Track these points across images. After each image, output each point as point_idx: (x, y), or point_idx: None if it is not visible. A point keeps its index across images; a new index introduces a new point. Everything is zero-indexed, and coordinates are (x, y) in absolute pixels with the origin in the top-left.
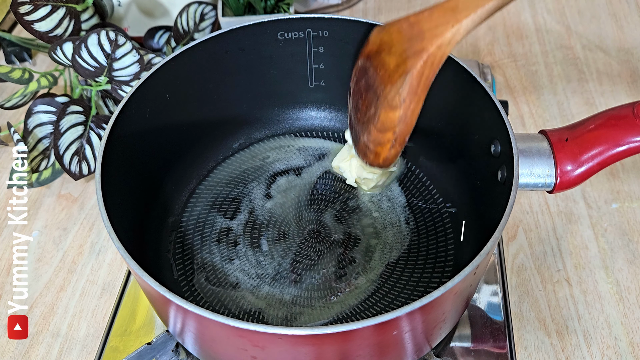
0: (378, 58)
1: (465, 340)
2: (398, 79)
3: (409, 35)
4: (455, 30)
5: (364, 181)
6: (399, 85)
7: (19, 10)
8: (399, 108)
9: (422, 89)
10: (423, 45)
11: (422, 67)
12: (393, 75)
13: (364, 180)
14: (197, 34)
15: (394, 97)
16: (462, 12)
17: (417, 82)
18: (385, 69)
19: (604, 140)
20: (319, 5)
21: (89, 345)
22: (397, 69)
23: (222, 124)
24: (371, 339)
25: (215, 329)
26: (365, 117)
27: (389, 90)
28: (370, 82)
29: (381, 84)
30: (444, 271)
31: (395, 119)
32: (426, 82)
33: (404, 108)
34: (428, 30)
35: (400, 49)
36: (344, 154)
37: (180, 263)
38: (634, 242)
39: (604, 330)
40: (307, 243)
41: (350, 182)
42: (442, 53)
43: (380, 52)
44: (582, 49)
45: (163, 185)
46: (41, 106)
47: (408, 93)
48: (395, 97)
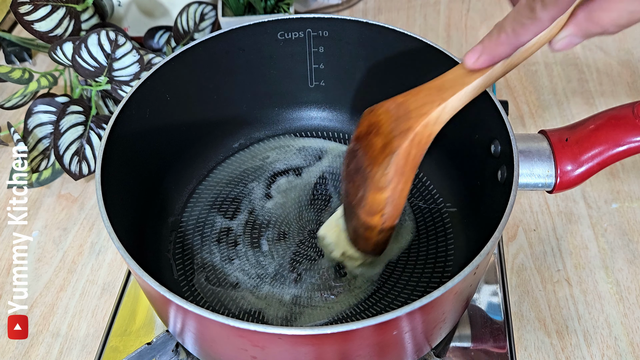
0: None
1: (465, 340)
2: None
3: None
4: (441, 109)
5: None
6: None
7: (19, 10)
8: (386, 189)
9: (409, 169)
10: (409, 124)
11: (408, 146)
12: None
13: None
14: (197, 34)
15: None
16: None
17: (404, 162)
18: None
19: (604, 140)
20: (319, 5)
21: (89, 345)
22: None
23: (222, 124)
24: (371, 339)
25: (215, 329)
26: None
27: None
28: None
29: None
30: (444, 271)
31: (383, 200)
32: (414, 162)
33: (391, 189)
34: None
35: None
36: (332, 224)
37: (180, 263)
38: (634, 242)
39: (604, 330)
40: (307, 243)
41: (335, 255)
42: (429, 132)
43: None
44: (582, 49)
45: (163, 185)
46: (41, 106)
47: (395, 173)
48: (382, 177)
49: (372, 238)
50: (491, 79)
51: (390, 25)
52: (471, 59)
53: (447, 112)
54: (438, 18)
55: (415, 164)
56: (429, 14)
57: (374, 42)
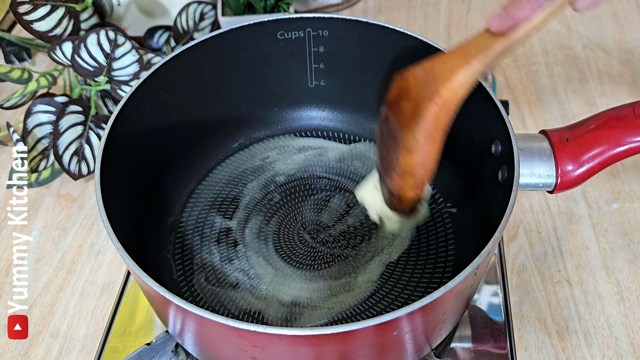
0: (397, 105)
1: (465, 340)
2: (414, 123)
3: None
4: (465, 72)
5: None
6: (414, 129)
7: (19, 9)
8: (416, 152)
9: (438, 133)
10: (436, 88)
11: (436, 110)
12: (409, 120)
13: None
14: (196, 34)
15: (410, 141)
16: (472, 54)
17: (433, 126)
18: (403, 115)
19: (605, 140)
20: (319, 5)
21: (89, 346)
22: (413, 113)
23: (222, 124)
24: (371, 340)
25: (215, 329)
26: (388, 164)
27: (406, 135)
28: (391, 129)
29: (399, 130)
30: (444, 271)
31: (413, 162)
32: (442, 126)
33: (421, 152)
34: (440, 73)
35: (415, 95)
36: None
37: (180, 263)
38: (635, 242)
39: (605, 331)
40: (307, 243)
41: (373, 217)
42: (455, 96)
43: (399, 99)
44: (583, 49)
45: (163, 185)
46: (40, 106)
47: (423, 136)
48: (411, 140)
49: (405, 199)
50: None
51: (390, 25)
52: (494, 23)
53: (472, 76)
54: (438, 18)
55: (444, 127)
56: (429, 14)
57: (374, 42)
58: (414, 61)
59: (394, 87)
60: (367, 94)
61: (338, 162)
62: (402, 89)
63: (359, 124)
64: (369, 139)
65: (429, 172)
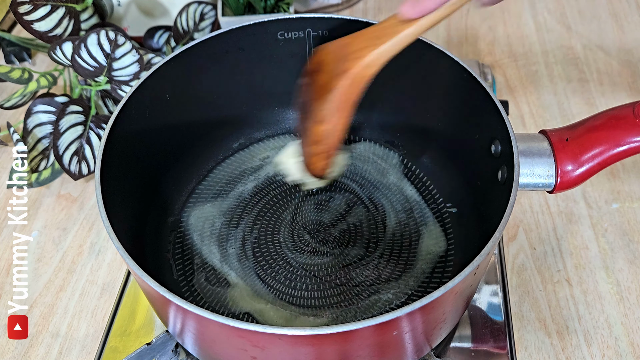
0: (313, 77)
1: (465, 340)
2: (325, 95)
3: (338, 56)
4: (376, 53)
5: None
6: (325, 100)
7: (19, 10)
8: (325, 122)
9: (346, 107)
10: (348, 65)
11: (345, 85)
12: (322, 92)
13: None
14: (196, 34)
15: (321, 111)
16: (383, 37)
17: (342, 99)
18: (317, 86)
19: (605, 140)
20: (319, 5)
21: (89, 346)
22: (326, 86)
23: (222, 124)
24: (371, 339)
25: (215, 329)
26: (303, 131)
27: (318, 105)
28: (306, 98)
29: (313, 100)
30: (444, 271)
31: (322, 132)
32: (350, 100)
33: (330, 122)
34: (353, 52)
35: (330, 68)
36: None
37: (180, 263)
38: (635, 242)
39: (605, 331)
40: (307, 243)
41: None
42: (364, 74)
43: (316, 71)
44: (583, 49)
45: (163, 185)
46: (41, 106)
47: (332, 109)
48: (321, 111)
49: (316, 164)
50: (422, 28)
51: None
52: (406, 9)
53: (382, 56)
54: None
55: (352, 101)
56: None
57: None
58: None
59: (314, 59)
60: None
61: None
62: (319, 62)
63: (359, 124)
64: (368, 139)
65: (337, 142)
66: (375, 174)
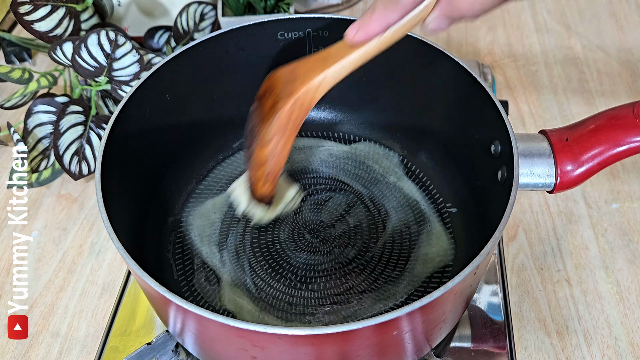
0: (261, 101)
1: (465, 340)
2: (270, 117)
3: (286, 80)
4: (322, 76)
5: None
6: (269, 123)
7: (19, 10)
8: (268, 144)
9: (290, 129)
10: (294, 87)
11: (291, 108)
12: (267, 115)
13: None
14: (197, 34)
15: (265, 134)
16: (330, 61)
17: (286, 122)
18: (263, 110)
19: (604, 140)
20: (319, 5)
21: (89, 346)
22: (271, 109)
23: (222, 124)
24: (371, 339)
25: (215, 329)
26: (248, 156)
27: (262, 128)
28: (254, 122)
29: (258, 123)
30: (444, 271)
31: (265, 155)
32: (295, 123)
33: (273, 145)
34: (300, 75)
35: (277, 92)
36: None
37: (180, 263)
38: (634, 242)
39: (604, 331)
40: (307, 243)
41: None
42: (311, 96)
43: (264, 95)
44: (583, 49)
45: (163, 185)
46: (41, 106)
47: (276, 131)
48: (266, 134)
49: (259, 189)
50: (368, 53)
51: None
52: (350, 34)
53: (328, 80)
54: None
55: (297, 125)
56: None
57: None
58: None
59: (263, 84)
60: (367, 94)
61: (338, 162)
62: (268, 86)
63: (359, 124)
64: (369, 139)
65: (279, 165)
66: (376, 174)
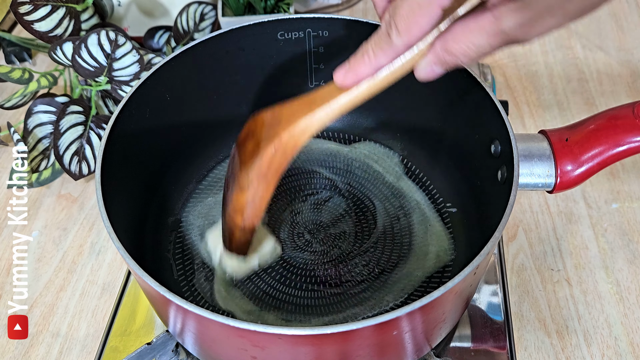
0: (243, 144)
1: (465, 340)
2: (250, 161)
3: (269, 123)
4: (307, 120)
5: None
6: (249, 167)
7: (19, 10)
8: (247, 190)
9: (271, 175)
10: (277, 131)
11: (272, 153)
12: (247, 159)
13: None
14: (197, 34)
15: (244, 179)
16: (317, 104)
17: (267, 167)
18: (244, 154)
19: (604, 140)
20: (319, 5)
21: (89, 345)
22: (252, 153)
23: (222, 124)
24: (371, 339)
25: (215, 329)
26: (225, 202)
27: (242, 173)
28: (234, 166)
29: (238, 168)
30: (444, 271)
31: (244, 201)
32: (277, 168)
33: (252, 191)
34: (284, 118)
35: (259, 135)
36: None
37: (180, 263)
38: (634, 242)
39: (604, 331)
40: (307, 243)
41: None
42: (294, 141)
43: (246, 138)
44: (582, 49)
45: (163, 185)
46: (41, 106)
47: (256, 176)
48: (245, 179)
49: (235, 237)
50: (358, 97)
51: None
52: (339, 76)
53: (313, 124)
54: None
55: (278, 171)
56: None
57: None
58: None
59: (245, 128)
60: None
61: (338, 163)
62: (250, 130)
63: (359, 124)
64: (369, 139)
65: (258, 213)
66: (376, 174)
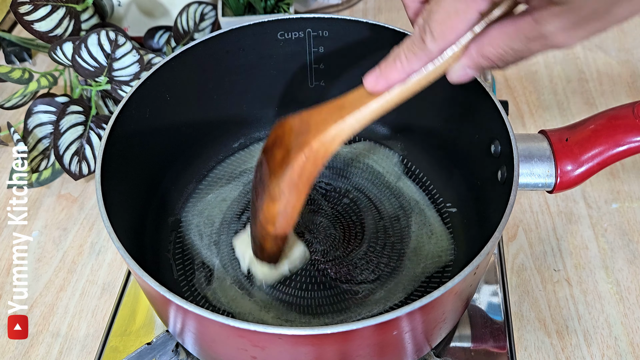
0: (270, 152)
1: (465, 340)
2: (281, 171)
3: (297, 130)
4: (337, 127)
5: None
6: (280, 177)
7: (19, 10)
8: (279, 200)
9: (303, 183)
10: (307, 139)
11: (303, 161)
12: (277, 168)
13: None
14: (197, 34)
15: (274, 188)
16: (347, 110)
17: (298, 176)
18: (273, 162)
19: (604, 140)
20: (319, 5)
21: (89, 345)
22: (282, 161)
23: (222, 124)
24: (371, 339)
25: (215, 329)
26: (255, 210)
27: (272, 182)
28: (263, 175)
29: (268, 176)
30: (444, 271)
31: (275, 211)
32: (308, 177)
33: (284, 201)
34: (314, 125)
35: (288, 143)
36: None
37: (180, 263)
38: (634, 242)
39: (604, 331)
40: (307, 243)
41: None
42: (325, 149)
43: (273, 146)
44: (582, 49)
45: (163, 185)
46: (41, 106)
47: (287, 185)
48: (275, 188)
49: (266, 247)
50: (389, 103)
51: (390, 25)
52: (370, 81)
53: (344, 131)
54: None
55: (310, 179)
56: None
57: (374, 42)
58: None
59: (272, 134)
60: None
61: (338, 162)
62: (278, 136)
63: None
64: (369, 138)
65: (290, 223)
66: (376, 174)
